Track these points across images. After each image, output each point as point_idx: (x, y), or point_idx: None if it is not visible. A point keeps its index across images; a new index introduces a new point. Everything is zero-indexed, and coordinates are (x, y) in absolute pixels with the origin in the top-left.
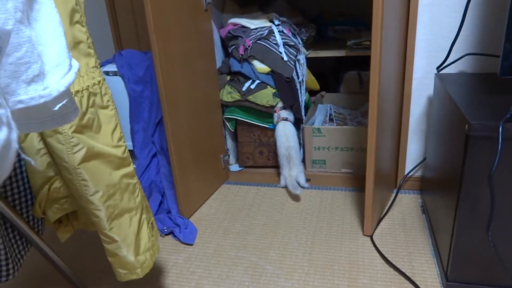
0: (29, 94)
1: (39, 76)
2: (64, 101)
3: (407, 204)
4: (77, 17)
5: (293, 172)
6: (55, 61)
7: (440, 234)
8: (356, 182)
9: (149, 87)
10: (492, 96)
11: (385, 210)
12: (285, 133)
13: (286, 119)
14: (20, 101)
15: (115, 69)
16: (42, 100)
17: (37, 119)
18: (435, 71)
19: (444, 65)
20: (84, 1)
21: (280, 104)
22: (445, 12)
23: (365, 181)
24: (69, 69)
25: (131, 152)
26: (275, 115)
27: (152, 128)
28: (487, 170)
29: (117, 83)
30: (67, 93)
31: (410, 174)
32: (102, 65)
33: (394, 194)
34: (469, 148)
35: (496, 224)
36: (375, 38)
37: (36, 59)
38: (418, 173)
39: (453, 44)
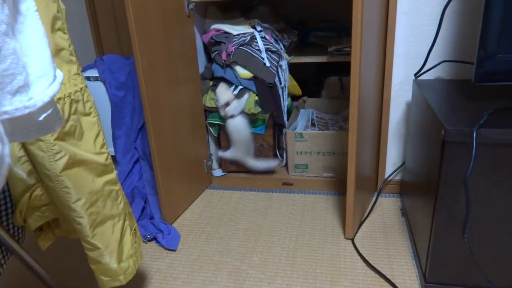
0: (14, 105)
1: (24, 87)
2: (49, 111)
3: (387, 208)
4: (58, 24)
5: (250, 154)
6: (40, 72)
7: (419, 236)
8: (338, 186)
9: (131, 92)
10: (467, 102)
11: (366, 213)
12: (236, 129)
13: (232, 116)
14: (5, 112)
15: (97, 75)
16: (27, 111)
17: (22, 129)
18: (413, 78)
19: (422, 71)
20: (65, 8)
21: (223, 99)
22: (422, 20)
23: (346, 185)
24: (54, 80)
25: (113, 157)
26: (221, 111)
27: (135, 133)
28: (463, 174)
29: (99, 88)
30: (51, 103)
31: (390, 177)
32: (83, 70)
33: (374, 198)
34: (445, 153)
35: (471, 227)
36: (355, 45)
37: (21, 70)
38: (398, 177)
39: (430, 51)
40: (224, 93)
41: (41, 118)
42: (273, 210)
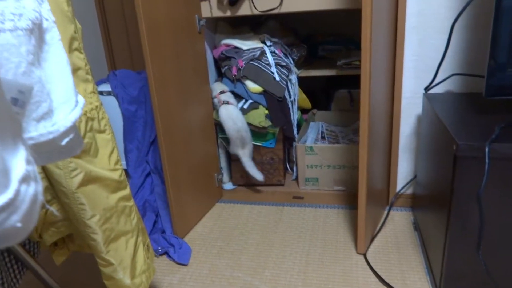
0: (39, 131)
1: (48, 114)
2: (71, 136)
3: (399, 221)
4: (75, 44)
5: (246, 150)
6: (63, 98)
7: (432, 251)
8: (349, 199)
9: (143, 106)
10: (478, 116)
11: (378, 227)
12: (230, 116)
13: (227, 103)
14: (31, 138)
15: (109, 89)
16: (50, 136)
17: (45, 153)
18: (423, 91)
19: (432, 85)
20: (81, 28)
21: (218, 89)
22: (431, 34)
23: (357, 198)
24: (76, 105)
25: (125, 171)
26: (215, 100)
27: (146, 147)
28: (475, 189)
29: (111, 102)
30: (73, 128)
31: (402, 191)
32: (96, 85)
33: (386, 212)
34: (457, 167)
35: (486, 242)
36: (365, 60)
37: (46, 97)
38: (409, 191)
39: (440, 65)
40: (219, 85)
41: (63, 143)
42: (284, 224)
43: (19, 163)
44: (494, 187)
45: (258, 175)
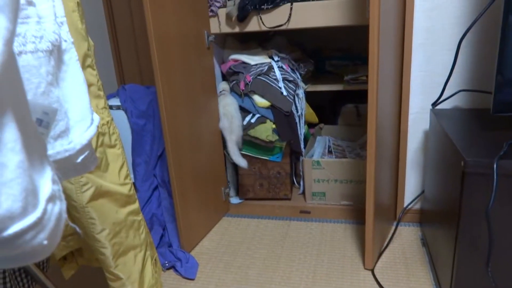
0: (56, 148)
1: (65, 132)
2: (86, 153)
3: (407, 237)
4: (88, 61)
5: (233, 136)
6: (79, 117)
7: (441, 268)
8: (356, 214)
9: (152, 121)
10: (486, 132)
11: (386, 243)
12: (223, 105)
13: (221, 91)
14: (48, 156)
15: (119, 103)
16: (67, 154)
17: (61, 170)
18: (431, 107)
19: (439, 101)
20: (94, 44)
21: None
22: (438, 51)
23: (365, 213)
24: (91, 123)
25: (133, 184)
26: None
27: (154, 161)
28: (484, 205)
29: (120, 116)
30: (88, 146)
31: (409, 206)
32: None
33: (394, 227)
34: (465, 184)
35: (495, 259)
36: (372, 75)
37: (63, 116)
38: (417, 206)
39: (448, 80)
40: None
41: (79, 160)
42: (291, 238)
43: (46, 182)
44: (503, 204)
45: (242, 162)
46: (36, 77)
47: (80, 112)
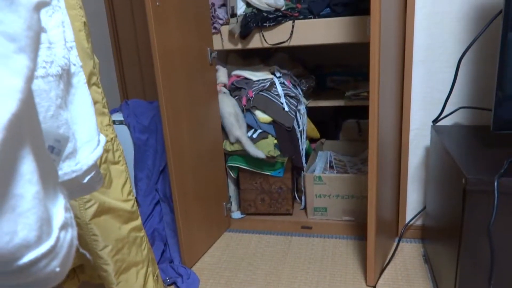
0: (63, 170)
1: (73, 153)
2: (92, 173)
3: (409, 253)
4: (94, 79)
5: (243, 129)
6: (86, 138)
7: (443, 284)
8: (358, 230)
9: (154, 135)
10: (486, 149)
11: (388, 259)
12: (226, 104)
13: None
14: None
15: (121, 118)
16: (74, 175)
17: (67, 190)
18: (431, 123)
19: (440, 117)
20: (99, 62)
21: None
22: (438, 68)
23: (366, 229)
24: (98, 144)
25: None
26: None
27: (156, 176)
28: (485, 222)
29: (123, 131)
30: (95, 166)
31: (411, 222)
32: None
33: (395, 243)
34: (466, 201)
35: (498, 276)
36: (373, 91)
37: (71, 138)
38: (419, 222)
39: (448, 97)
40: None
41: (85, 181)
42: (293, 254)
43: (59, 211)
44: (504, 221)
45: (260, 153)
46: (46, 101)
47: (87, 133)
